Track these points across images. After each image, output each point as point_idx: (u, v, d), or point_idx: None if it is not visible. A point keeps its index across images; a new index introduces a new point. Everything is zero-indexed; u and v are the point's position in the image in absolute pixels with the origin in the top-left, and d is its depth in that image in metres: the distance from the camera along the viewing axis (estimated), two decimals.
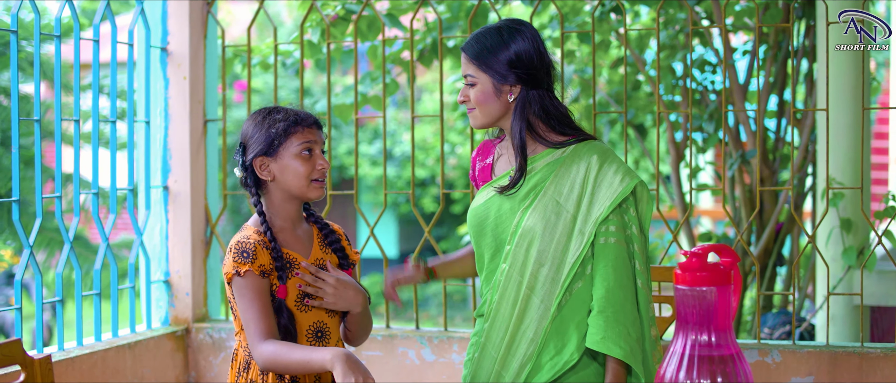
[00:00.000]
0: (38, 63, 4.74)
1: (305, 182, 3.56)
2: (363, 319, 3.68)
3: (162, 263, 5.53)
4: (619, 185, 3.50)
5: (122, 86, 5.74)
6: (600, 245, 3.50)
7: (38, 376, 3.44)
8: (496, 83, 3.55)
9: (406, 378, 5.27)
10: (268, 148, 3.54)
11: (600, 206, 3.49)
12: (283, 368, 3.42)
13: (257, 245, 3.49)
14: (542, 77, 3.57)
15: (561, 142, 3.59)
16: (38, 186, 4.76)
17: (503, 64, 3.53)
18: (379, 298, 16.09)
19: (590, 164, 3.54)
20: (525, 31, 3.58)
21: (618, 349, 3.43)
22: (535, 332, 3.54)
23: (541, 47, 3.58)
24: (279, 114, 3.57)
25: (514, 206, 3.60)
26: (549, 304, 3.52)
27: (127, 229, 10.74)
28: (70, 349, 4.86)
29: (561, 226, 3.52)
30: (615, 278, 3.48)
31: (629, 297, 3.50)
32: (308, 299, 3.54)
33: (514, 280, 3.57)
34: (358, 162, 5.43)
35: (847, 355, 4.82)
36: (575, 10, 7.29)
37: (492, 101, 3.56)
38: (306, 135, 3.55)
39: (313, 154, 3.57)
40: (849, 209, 5.87)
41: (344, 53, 6.73)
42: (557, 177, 3.56)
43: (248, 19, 15.77)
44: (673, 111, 7.31)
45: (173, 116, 5.48)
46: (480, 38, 3.59)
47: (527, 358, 3.55)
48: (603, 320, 3.46)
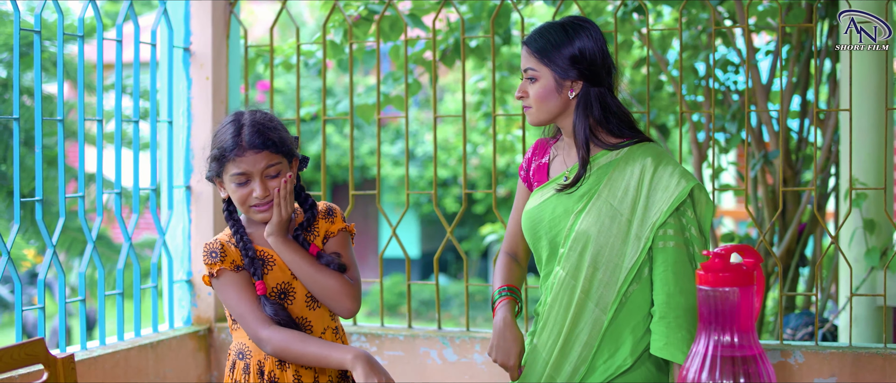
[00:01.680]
0: (62, 63, 4.75)
1: (245, 208, 3.50)
2: (328, 286, 3.57)
3: (184, 263, 5.53)
4: (675, 188, 3.49)
5: (144, 86, 5.75)
6: (659, 248, 3.49)
7: (61, 375, 3.45)
8: (558, 78, 3.54)
9: (428, 378, 5.27)
10: (214, 171, 3.52)
11: (657, 210, 3.48)
12: (294, 358, 3.40)
13: (224, 243, 3.48)
14: (604, 76, 3.57)
15: (616, 144, 3.58)
16: (61, 186, 4.77)
17: (566, 59, 3.53)
18: (400, 298, 16.09)
19: (645, 167, 3.52)
20: (590, 29, 3.58)
21: (681, 355, 3.43)
22: (589, 336, 3.53)
23: (604, 46, 3.58)
24: (220, 136, 3.50)
25: (568, 209, 3.58)
26: (604, 308, 3.51)
27: (149, 229, 10.76)
28: (93, 348, 4.88)
29: (615, 229, 3.51)
30: (675, 282, 3.47)
31: (691, 301, 3.47)
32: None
33: (568, 284, 3.56)
34: (380, 162, 5.43)
35: (870, 356, 4.80)
36: (597, 10, 7.28)
37: (553, 97, 3.55)
38: (238, 164, 3.45)
39: (249, 183, 3.48)
40: (872, 210, 5.85)
41: (366, 53, 6.73)
42: (611, 180, 3.54)
43: (270, 19, 15.79)
44: (695, 111, 7.29)
45: (196, 116, 5.48)
46: (544, 32, 3.58)
47: (581, 361, 3.54)
48: (664, 326, 3.46)
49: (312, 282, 3.55)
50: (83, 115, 4.87)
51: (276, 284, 3.53)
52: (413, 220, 18.76)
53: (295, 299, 3.56)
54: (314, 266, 3.56)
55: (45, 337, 3.62)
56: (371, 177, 18.27)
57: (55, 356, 3.46)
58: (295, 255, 3.54)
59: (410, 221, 18.70)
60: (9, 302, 12.92)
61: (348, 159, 5.35)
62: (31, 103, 7.35)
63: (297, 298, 3.56)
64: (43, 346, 3.42)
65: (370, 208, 17.44)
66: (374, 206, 11.68)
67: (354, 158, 8.68)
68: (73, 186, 7.80)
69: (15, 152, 4.43)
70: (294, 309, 3.55)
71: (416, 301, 16.24)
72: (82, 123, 4.86)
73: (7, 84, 7.50)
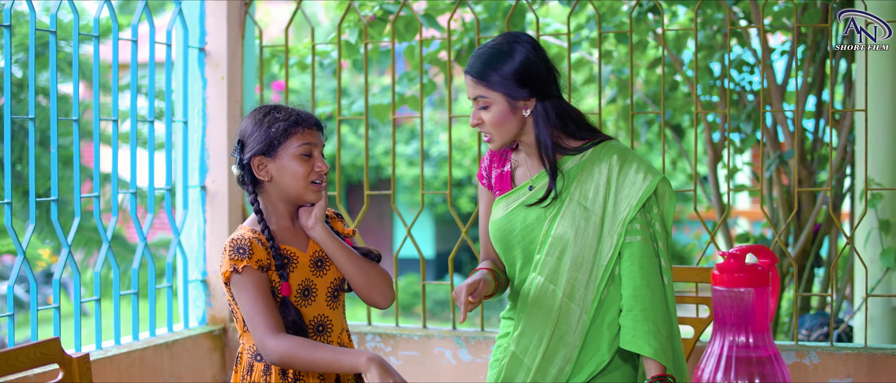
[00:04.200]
0: (77, 63, 4.76)
1: (303, 184, 3.52)
2: (371, 274, 3.63)
3: (199, 263, 5.54)
4: (642, 184, 3.48)
5: (160, 86, 5.77)
6: (626, 243, 3.48)
7: (76, 375, 3.45)
8: (510, 100, 3.49)
9: (443, 378, 5.27)
10: (266, 148, 3.51)
11: (626, 206, 3.48)
12: (302, 365, 3.38)
13: (253, 241, 3.46)
14: (551, 84, 3.53)
15: (579, 147, 3.57)
16: (76, 186, 4.78)
17: (513, 79, 3.48)
18: (415, 298, 16.11)
19: (611, 165, 3.51)
20: (526, 42, 3.53)
21: (648, 347, 3.41)
22: (573, 337, 3.52)
23: (543, 54, 3.54)
24: (280, 113, 3.54)
25: (540, 216, 3.56)
26: (586, 308, 3.50)
27: (165, 229, 10.77)
28: (108, 348, 4.89)
29: (591, 230, 3.50)
30: (642, 276, 3.46)
31: (657, 294, 3.46)
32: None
33: (548, 289, 3.54)
34: (395, 162, 5.42)
35: (885, 357, 4.80)
36: (612, 10, 7.27)
37: (509, 119, 3.51)
38: (306, 136, 3.52)
39: (313, 156, 3.53)
40: (888, 210, 5.84)
41: (381, 54, 6.73)
42: (581, 183, 3.53)
43: (285, 20, 15.80)
44: (710, 111, 7.28)
45: (211, 116, 5.49)
46: (484, 57, 3.52)
47: (565, 362, 3.53)
48: (631, 319, 3.44)
49: (358, 272, 3.59)
50: (98, 115, 4.89)
51: (299, 283, 3.53)
52: (428, 220, 18.74)
53: (317, 298, 3.56)
54: (358, 256, 3.61)
55: (60, 337, 3.62)
56: (386, 178, 18.27)
57: (70, 355, 3.46)
58: (341, 246, 3.58)
59: (425, 221, 18.68)
60: (24, 301, 12.96)
61: (363, 159, 5.36)
62: (47, 103, 7.38)
63: (318, 297, 3.56)
64: (58, 346, 3.43)
65: (385, 208, 17.42)
66: (389, 206, 11.64)
67: (369, 158, 8.69)
68: (89, 186, 7.84)
69: (31, 152, 4.44)
70: (315, 308, 3.55)
71: (431, 301, 16.23)
72: (97, 123, 4.87)
73: (23, 84, 7.52)
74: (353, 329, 5.43)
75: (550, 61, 3.56)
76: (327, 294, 3.58)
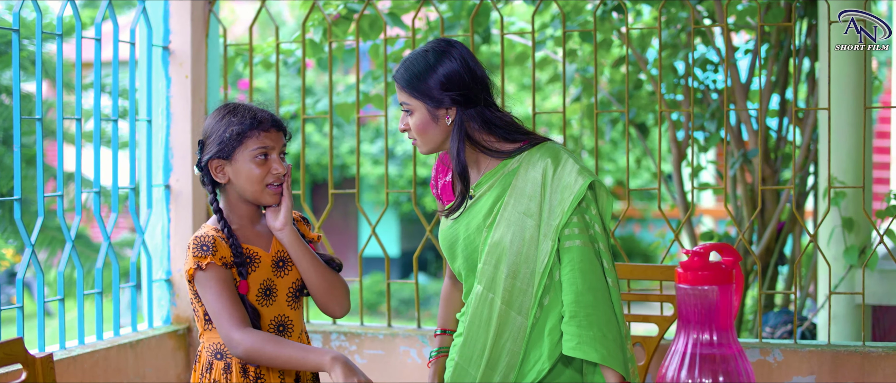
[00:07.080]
0: (40, 62, 4.74)
1: (259, 187, 3.51)
2: (332, 283, 3.63)
3: (164, 262, 5.53)
4: (575, 186, 3.41)
5: (123, 84, 5.74)
6: (565, 248, 3.42)
7: (39, 375, 3.44)
8: (431, 109, 3.47)
9: (408, 377, 5.27)
10: (222, 150, 3.49)
11: (560, 210, 3.42)
12: (268, 361, 3.38)
13: (216, 238, 3.46)
14: (478, 94, 3.48)
15: (512, 151, 3.53)
16: (39, 185, 4.76)
17: (435, 88, 3.45)
18: (380, 297, 16.10)
19: (545, 168, 3.46)
20: (453, 51, 3.49)
21: (595, 353, 3.35)
22: (514, 344, 3.47)
23: (470, 63, 3.49)
24: (237, 114, 3.51)
25: (480, 224, 3.52)
26: (526, 314, 3.45)
27: (129, 228, 10.74)
28: (72, 348, 4.87)
29: (528, 235, 3.45)
30: (583, 280, 3.40)
31: (601, 298, 3.40)
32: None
33: (486, 298, 3.50)
34: (360, 161, 5.42)
35: (849, 354, 4.82)
36: (577, 8, 7.29)
37: (431, 127, 3.49)
38: (262, 139, 3.49)
39: (268, 159, 3.51)
40: (850, 208, 5.87)
41: (346, 52, 6.73)
42: (516, 188, 3.48)
43: (249, 18, 15.77)
44: (675, 110, 7.31)
45: (175, 115, 5.48)
46: (408, 65, 3.51)
47: (509, 369, 3.50)
48: (575, 325, 3.38)
49: (319, 279, 3.59)
50: (62, 114, 4.86)
51: (260, 283, 3.52)
52: (393, 219, 18.74)
53: (277, 298, 3.56)
54: (322, 264, 3.61)
55: (24, 337, 3.60)
56: (351, 176, 18.26)
57: (34, 355, 3.45)
58: (306, 251, 3.58)
59: (390, 220, 18.68)
60: None
61: (328, 158, 5.34)
62: (10, 102, 7.34)
63: (279, 297, 3.56)
64: (21, 346, 3.41)
65: (350, 207, 17.41)
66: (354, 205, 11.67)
67: (334, 157, 8.67)
68: (52, 185, 7.79)
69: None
70: (276, 308, 3.55)
71: (396, 300, 16.22)
72: (61, 122, 4.85)
73: None
74: (318, 328, 5.43)
75: (480, 68, 3.52)
76: (288, 294, 3.59)
